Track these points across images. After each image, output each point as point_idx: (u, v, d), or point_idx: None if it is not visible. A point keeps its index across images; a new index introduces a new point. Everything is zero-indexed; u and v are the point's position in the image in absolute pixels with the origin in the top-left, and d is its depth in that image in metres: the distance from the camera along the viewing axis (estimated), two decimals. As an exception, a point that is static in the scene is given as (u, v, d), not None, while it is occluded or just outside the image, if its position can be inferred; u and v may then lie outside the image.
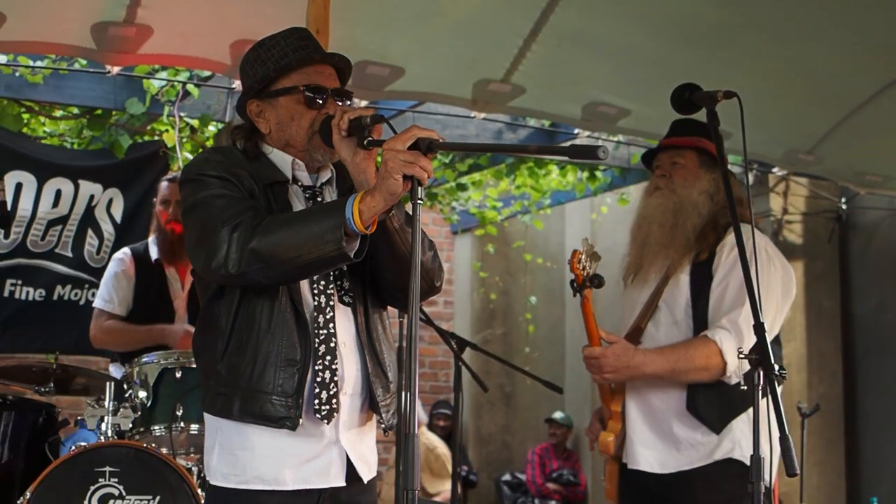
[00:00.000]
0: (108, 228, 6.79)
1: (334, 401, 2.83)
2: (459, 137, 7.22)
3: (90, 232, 6.75)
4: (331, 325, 2.85)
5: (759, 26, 5.15)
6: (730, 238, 3.82)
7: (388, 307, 3.05)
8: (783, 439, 2.44)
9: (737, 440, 3.76)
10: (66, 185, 6.68)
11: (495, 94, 5.70)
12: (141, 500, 4.20)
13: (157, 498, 4.21)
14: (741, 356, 2.63)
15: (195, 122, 6.92)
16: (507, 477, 11.12)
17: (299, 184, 2.96)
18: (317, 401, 2.81)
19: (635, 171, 8.90)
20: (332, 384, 2.83)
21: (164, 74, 6.54)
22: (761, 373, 2.58)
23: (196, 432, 4.55)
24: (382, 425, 2.95)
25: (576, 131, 6.83)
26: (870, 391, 8.30)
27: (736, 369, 3.69)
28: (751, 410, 3.70)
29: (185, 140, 7.01)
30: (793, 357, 8.06)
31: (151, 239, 5.59)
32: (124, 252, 5.55)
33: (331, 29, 4.28)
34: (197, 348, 2.95)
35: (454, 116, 7.01)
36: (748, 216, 3.80)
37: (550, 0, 4.95)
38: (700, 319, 3.80)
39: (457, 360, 4.49)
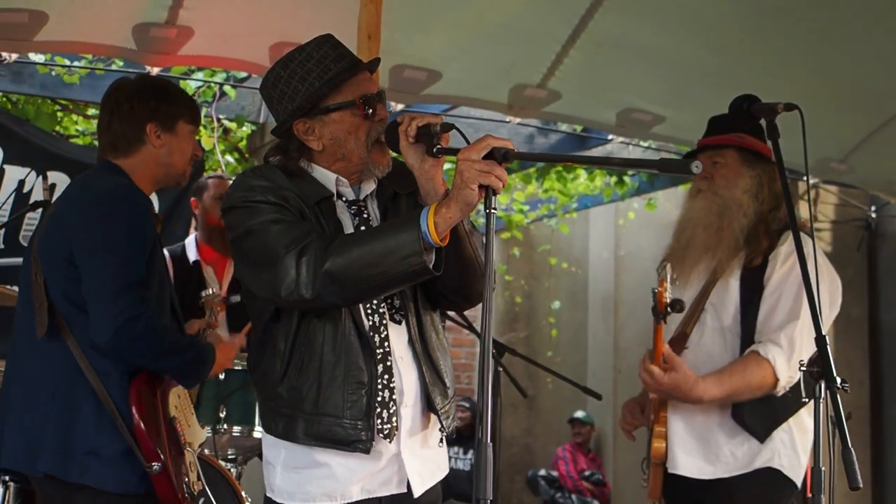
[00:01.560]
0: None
1: (394, 419, 2.82)
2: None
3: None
4: (386, 343, 2.84)
5: (794, 34, 5.14)
6: (784, 247, 3.79)
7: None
8: (846, 452, 2.44)
9: (776, 449, 3.77)
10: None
11: (531, 99, 5.72)
12: None
13: (202, 500, 4.21)
14: (802, 368, 2.61)
15: (232, 124, 6.94)
16: (542, 472, 11.09)
17: (343, 199, 2.92)
18: (379, 420, 2.80)
19: (663, 176, 8.90)
20: (392, 402, 2.82)
21: (199, 75, 6.58)
22: (823, 385, 2.56)
23: (238, 434, 4.59)
24: (444, 432, 2.94)
25: (609, 137, 6.84)
26: (890, 400, 8.28)
27: (786, 384, 3.69)
28: (791, 420, 3.77)
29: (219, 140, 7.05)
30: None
31: (189, 240, 5.61)
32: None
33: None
34: (254, 370, 2.93)
35: (486, 121, 7.02)
36: (805, 224, 3.81)
37: (590, 6, 4.96)
38: (748, 328, 3.78)
39: (496, 364, 4.48)
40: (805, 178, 3.06)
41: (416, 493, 2.89)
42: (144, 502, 3.34)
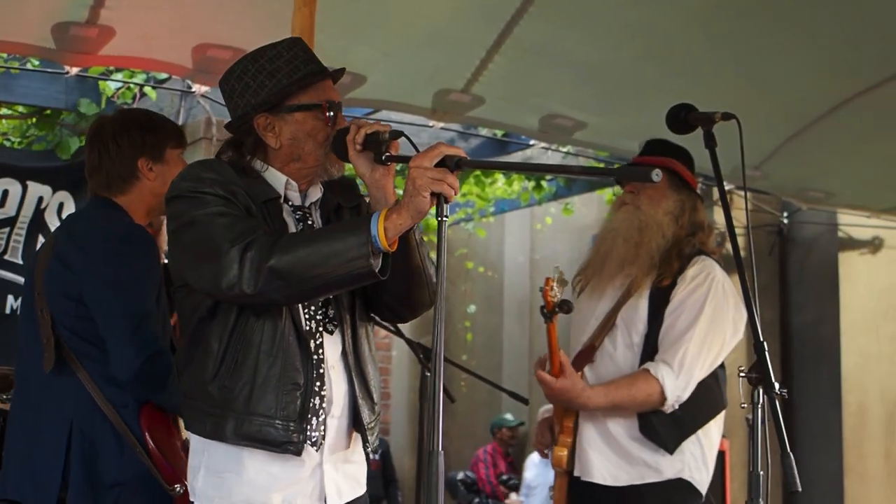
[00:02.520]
0: (60, 234, 6.66)
1: (322, 428, 2.80)
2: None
3: (41, 237, 6.56)
4: (321, 350, 2.81)
5: (715, 43, 5.24)
6: (692, 270, 3.88)
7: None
8: (784, 457, 2.48)
9: (686, 461, 3.83)
10: (13, 186, 6.50)
11: (455, 103, 5.73)
12: None
13: None
14: (741, 374, 2.66)
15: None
16: (461, 476, 11.11)
17: (289, 203, 2.90)
18: (308, 427, 2.77)
19: (581, 181, 8.99)
20: (321, 410, 2.79)
21: (119, 76, 6.48)
22: (761, 391, 2.61)
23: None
24: (369, 448, 2.92)
25: (531, 142, 6.88)
26: (805, 401, 8.47)
27: (673, 403, 3.78)
28: (700, 432, 3.84)
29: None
30: (734, 367, 8.18)
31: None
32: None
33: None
34: (182, 366, 2.86)
35: (407, 125, 7.02)
36: (710, 245, 3.92)
37: (515, 13, 4.99)
38: (651, 345, 3.86)
39: (424, 369, 4.48)
40: (744, 188, 3.11)
41: (336, 503, 2.86)
42: None
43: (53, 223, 6.59)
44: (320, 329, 2.83)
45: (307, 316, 2.82)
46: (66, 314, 3.43)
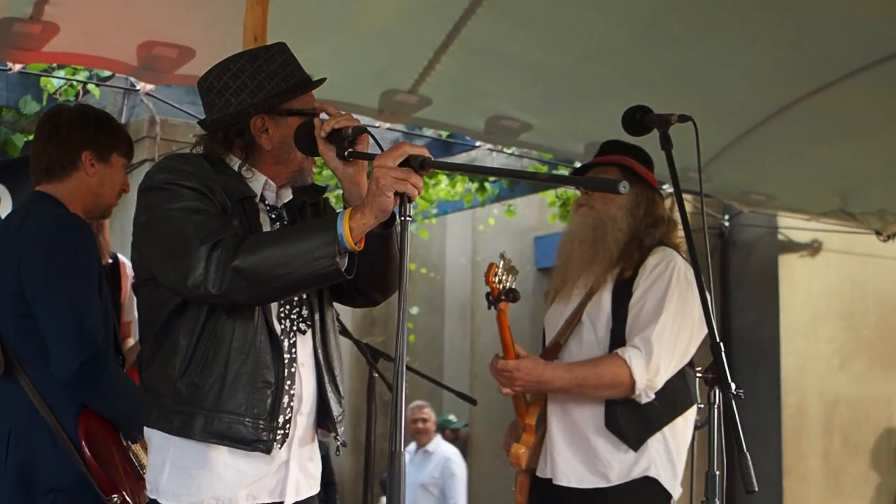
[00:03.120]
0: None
1: (288, 425, 2.80)
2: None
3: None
4: (293, 349, 2.82)
5: (660, 46, 5.28)
6: (652, 258, 3.87)
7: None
8: (741, 456, 2.51)
9: (652, 458, 3.80)
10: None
11: (402, 104, 5.73)
12: None
13: None
14: (699, 374, 2.69)
15: (93, 124, 6.77)
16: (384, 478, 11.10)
17: (265, 202, 2.90)
18: (277, 424, 2.77)
19: (524, 183, 9.04)
20: (289, 408, 2.80)
21: (61, 73, 6.40)
22: (717, 391, 2.64)
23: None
24: (339, 441, 2.94)
25: (477, 143, 6.90)
26: (746, 403, 8.52)
27: (645, 388, 3.73)
28: (666, 429, 3.84)
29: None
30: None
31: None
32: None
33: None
34: (145, 363, 2.83)
35: (353, 125, 7.00)
36: (673, 238, 3.94)
37: (463, 14, 4.99)
38: (618, 336, 3.84)
39: (372, 370, 4.47)
40: (699, 190, 3.14)
41: (289, 501, 2.86)
42: None
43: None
44: (294, 329, 2.84)
45: (282, 315, 2.82)
46: (8, 313, 3.40)
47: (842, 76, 5.41)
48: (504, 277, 3.84)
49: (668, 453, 3.83)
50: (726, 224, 8.91)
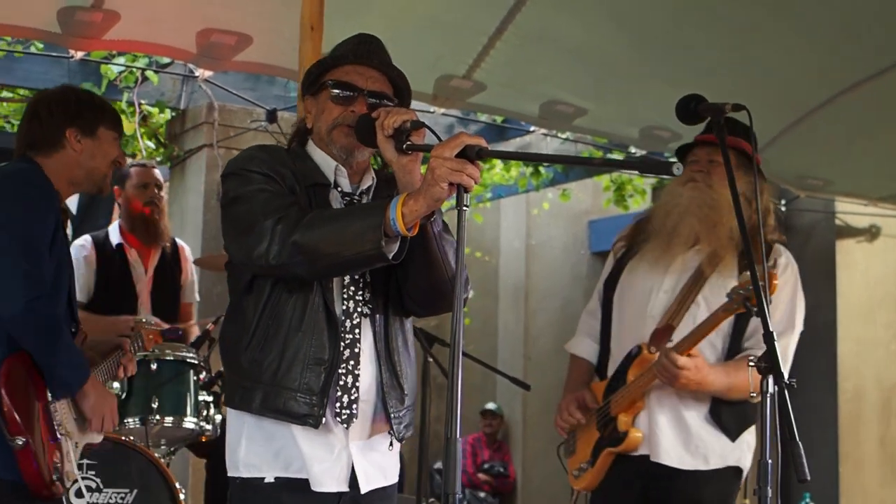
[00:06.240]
0: (63, 221, 6.68)
1: (354, 406, 2.85)
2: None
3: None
4: (357, 330, 2.87)
5: (714, 30, 5.27)
6: (781, 259, 3.90)
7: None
8: (793, 445, 2.52)
9: (743, 450, 3.93)
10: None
11: (456, 90, 5.76)
12: (118, 492, 4.18)
13: (135, 491, 4.18)
14: (751, 364, 2.69)
15: (153, 110, 6.87)
16: (437, 465, 11.19)
17: (339, 189, 2.96)
18: (338, 404, 2.84)
19: (578, 167, 9.05)
20: (354, 389, 2.85)
21: (121, 60, 6.50)
22: (771, 380, 2.65)
23: (170, 425, 4.57)
24: (393, 437, 2.96)
25: (531, 128, 6.91)
26: (802, 388, 8.46)
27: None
28: (753, 426, 3.89)
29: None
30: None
31: (112, 226, 5.58)
32: (85, 239, 5.51)
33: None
34: (222, 340, 2.98)
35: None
36: (776, 232, 3.90)
37: (517, 0, 5.02)
38: (739, 331, 3.85)
39: (426, 355, 4.51)
40: (754, 176, 3.12)
41: (363, 489, 2.89)
42: (12, 491, 3.31)
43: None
44: (358, 310, 2.89)
45: (346, 296, 2.88)
46: None
47: (900, 60, 5.38)
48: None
49: (751, 447, 3.95)
50: (783, 209, 8.84)
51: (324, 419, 2.81)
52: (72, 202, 6.74)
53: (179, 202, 7.35)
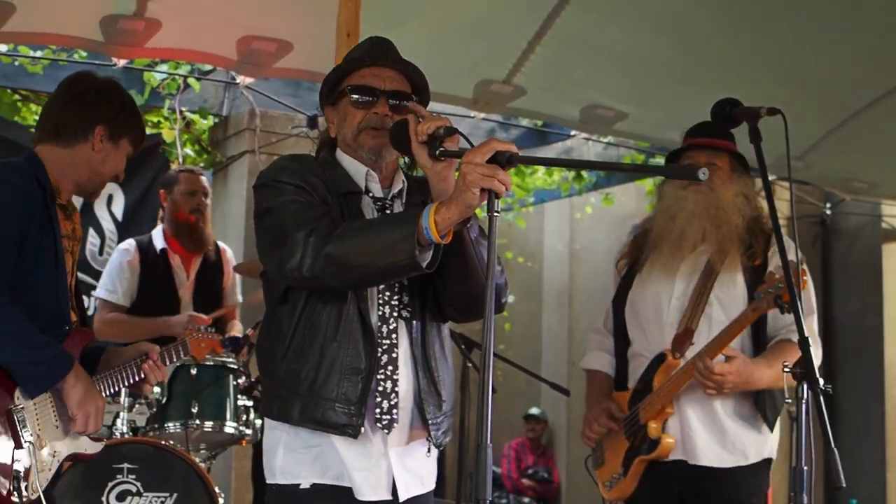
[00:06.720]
0: (109, 227, 6.73)
1: (395, 411, 2.85)
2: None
3: (91, 230, 6.67)
4: (394, 335, 2.87)
5: (757, 34, 5.23)
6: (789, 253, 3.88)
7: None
8: (829, 452, 2.50)
9: (775, 441, 3.96)
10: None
11: (496, 94, 5.76)
12: (158, 496, 4.21)
13: (175, 495, 4.20)
14: (786, 370, 2.67)
15: (195, 117, 6.93)
16: (479, 470, 11.16)
17: (371, 195, 2.96)
18: (378, 410, 2.84)
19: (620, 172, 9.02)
20: (394, 394, 2.85)
21: (164, 67, 6.55)
22: (806, 386, 2.63)
23: (210, 430, 4.62)
24: (431, 443, 2.95)
25: (572, 132, 6.89)
26: (848, 393, 8.42)
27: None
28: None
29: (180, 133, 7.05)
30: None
31: (156, 230, 5.62)
32: (129, 243, 5.57)
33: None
34: (259, 350, 2.99)
35: (449, 115, 7.03)
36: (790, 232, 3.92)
37: (556, 5, 5.01)
38: (758, 322, 3.87)
39: (465, 360, 4.50)
40: (789, 181, 3.12)
41: (402, 496, 2.89)
42: None
43: (103, 216, 6.68)
44: (394, 314, 2.89)
45: (381, 301, 2.88)
46: None
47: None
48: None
49: (777, 438, 3.97)
50: (828, 212, 8.76)
51: (362, 428, 2.81)
52: (117, 205, 6.79)
53: (222, 208, 7.40)
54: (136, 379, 3.52)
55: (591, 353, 4.30)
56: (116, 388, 3.51)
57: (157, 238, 5.56)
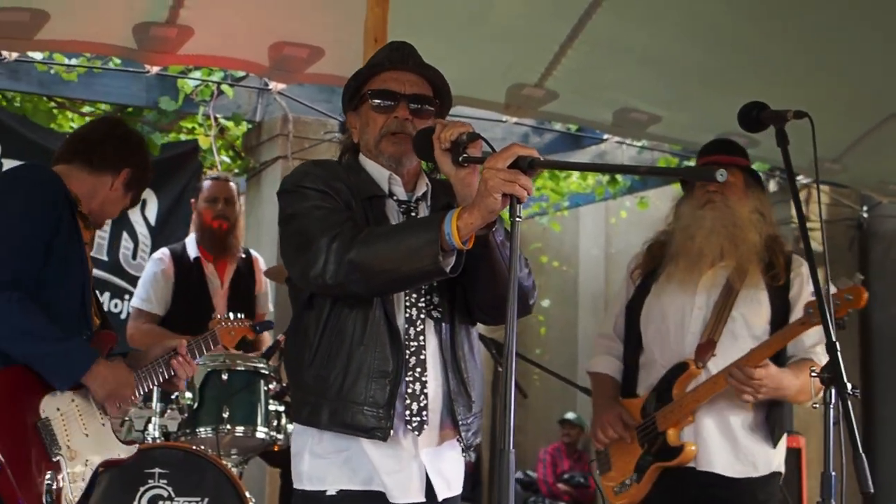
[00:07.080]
0: (142, 231, 6.79)
1: (424, 413, 2.85)
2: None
3: (125, 235, 6.74)
4: (421, 337, 2.87)
5: (790, 37, 5.19)
6: (804, 268, 3.95)
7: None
8: (857, 457, 2.48)
9: (781, 455, 4.00)
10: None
11: (528, 98, 5.75)
12: (189, 501, 4.22)
13: (206, 500, 4.21)
14: (813, 374, 2.66)
15: (228, 123, 6.97)
16: (518, 475, 11.16)
17: (395, 198, 2.96)
18: (408, 412, 2.83)
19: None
20: (423, 395, 2.85)
21: (197, 74, 6.60)
22: (834, 391, 2.61)
23: (241, 434, 4.62)
24: (462, 444, 2.94)
25: (604, 136, 6.87)
26: (887, 398, 8.33)
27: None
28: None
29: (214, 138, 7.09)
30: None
31: (189, 238, 5.65)
32: (163, 252, 5.61)
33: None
34: (286, 356, 3.01)
35: (481, 120, 7.04)
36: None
37: (588, 8, 4.99)
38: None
39: (496, 364, 4.49)
40: (816, 184, 3.10)
41: (440, 496, 2.89)
42: None
43: (137, 221, 6.73)
44: (423, 316, 2.89)
45: (408, 303, 2.88)
46: None
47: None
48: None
49: (784, 452, 4.03)
50: (865, 215, 8.68)
51: (391, 431, 2.81)
52: (151, 210, 6.85)
53: (255, 213, 7.43)
54: (167, 376, 3.55)
55: (597, 357, 4.33)
56: (148, 388, 3.54)
57: (191, 246, 5.60)
